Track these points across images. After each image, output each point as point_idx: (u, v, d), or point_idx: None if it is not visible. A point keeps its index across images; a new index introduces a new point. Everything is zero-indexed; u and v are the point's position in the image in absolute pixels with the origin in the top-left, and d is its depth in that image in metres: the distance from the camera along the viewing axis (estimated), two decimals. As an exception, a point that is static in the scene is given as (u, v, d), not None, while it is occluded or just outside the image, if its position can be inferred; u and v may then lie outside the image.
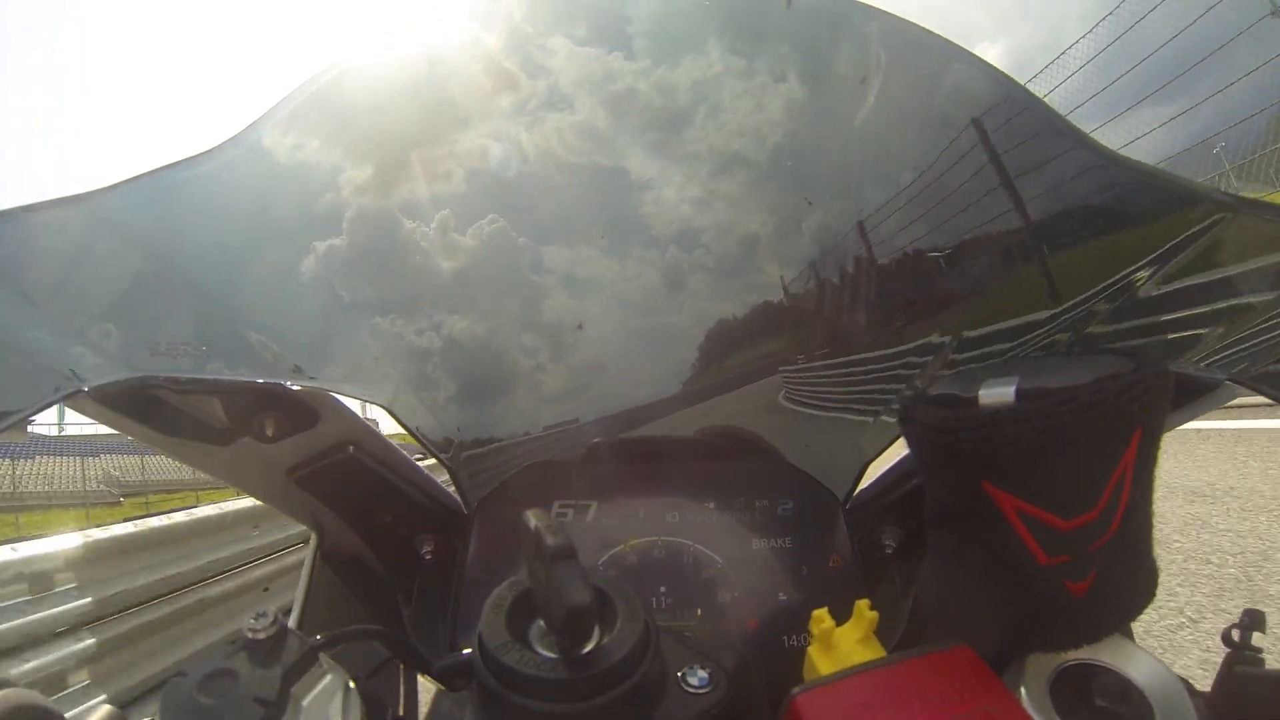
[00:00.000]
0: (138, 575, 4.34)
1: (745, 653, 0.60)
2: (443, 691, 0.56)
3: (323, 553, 0.90)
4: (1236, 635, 0.59)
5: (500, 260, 0.83)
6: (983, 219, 0.79)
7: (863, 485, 0.96)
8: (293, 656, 0.48)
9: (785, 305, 0.89)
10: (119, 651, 4.03)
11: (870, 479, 0.96)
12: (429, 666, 0.60)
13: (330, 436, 0.79)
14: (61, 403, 0.58)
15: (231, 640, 0.49)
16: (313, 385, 0.73)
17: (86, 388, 0.59)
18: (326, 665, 0.51)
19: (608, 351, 0.93)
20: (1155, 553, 0.53)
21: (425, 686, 0.61)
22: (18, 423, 0.55)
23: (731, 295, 0.89)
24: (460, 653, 0.61)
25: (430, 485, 0.92)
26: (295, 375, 0.72)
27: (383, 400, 0.81)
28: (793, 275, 0.88)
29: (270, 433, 0.72)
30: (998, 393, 0.47)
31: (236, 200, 0.69)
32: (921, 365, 0.85)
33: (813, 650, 0.59)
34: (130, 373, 0.61)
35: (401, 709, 0.54)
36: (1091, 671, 0.53)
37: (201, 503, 6.25)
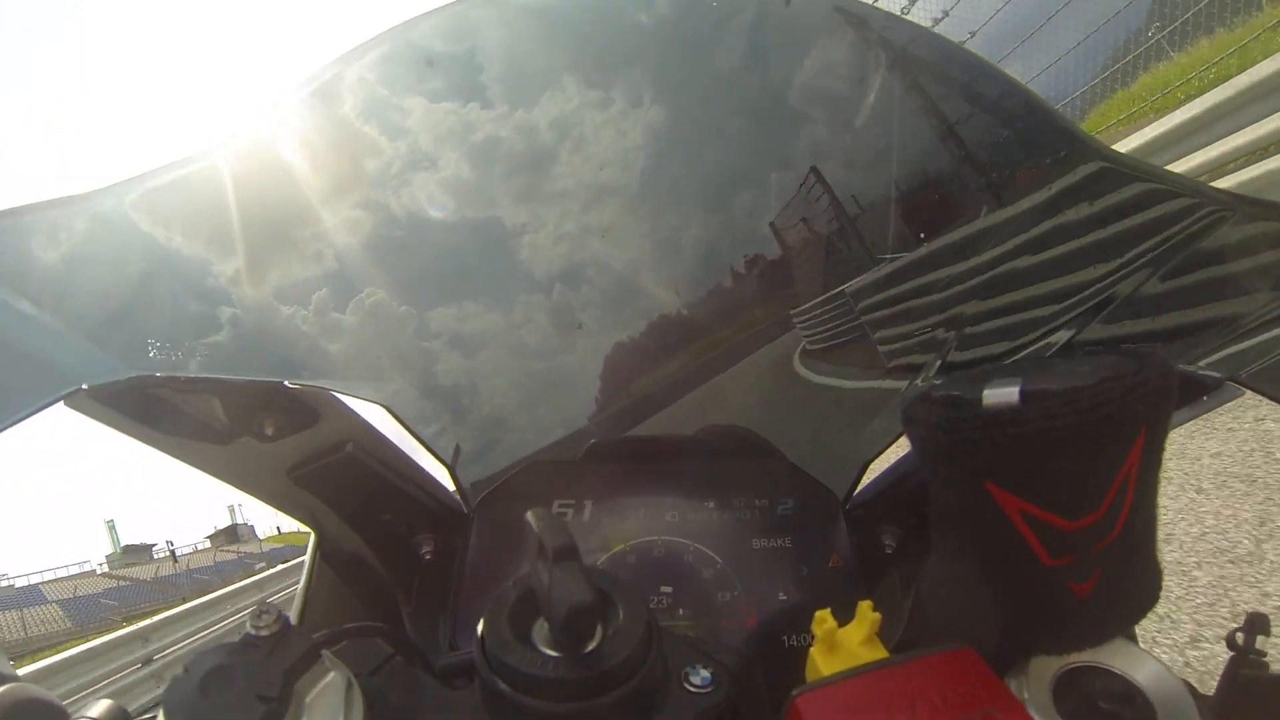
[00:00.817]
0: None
1: (748, 653, 0.60)
2: (445, 690, 0.56)
3: (323, 552, 0.90)
4: (1240, 639, 0.59)
5: (384, 332, 0.82)
6: (977, 218, 0.79)
7: (862, 485, 0.96)
8: (295, 653, 0.47)
9: (677, 321, 0.90)
10: None
11: (870, 479, 0.96)
12: (431, 665, 0.60)
13: (330, 436, 0.79)
14: (62, 402, 0.58)
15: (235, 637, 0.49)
16: (313, 385, 0.73)
17: (86, 387, 0.59)
18: (329, 662, 0.50)
19: (607, 353, 0.93)
20: (1160, 554, 0.53)
21: (427, 685, 0.61)
22: (18, 422, 0.55)
23: (623, 324, 0.91)
24: (463, 651, 0.61)
25: (430, 485, 0.92)
26: (295, 375, 0.72)
27: (382, 400, 0.81)
28: (679, 295, 0.90)
29: (270, 432, 0.72)
30: (1001, 393, 0.47)
31: (236, 199, 0.69)
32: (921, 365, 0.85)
33: (815, 651, 0.59)
34: (130, 372, 0.61)
35: (403, 706, 0.53)
36: (1095, 674, 0.52)
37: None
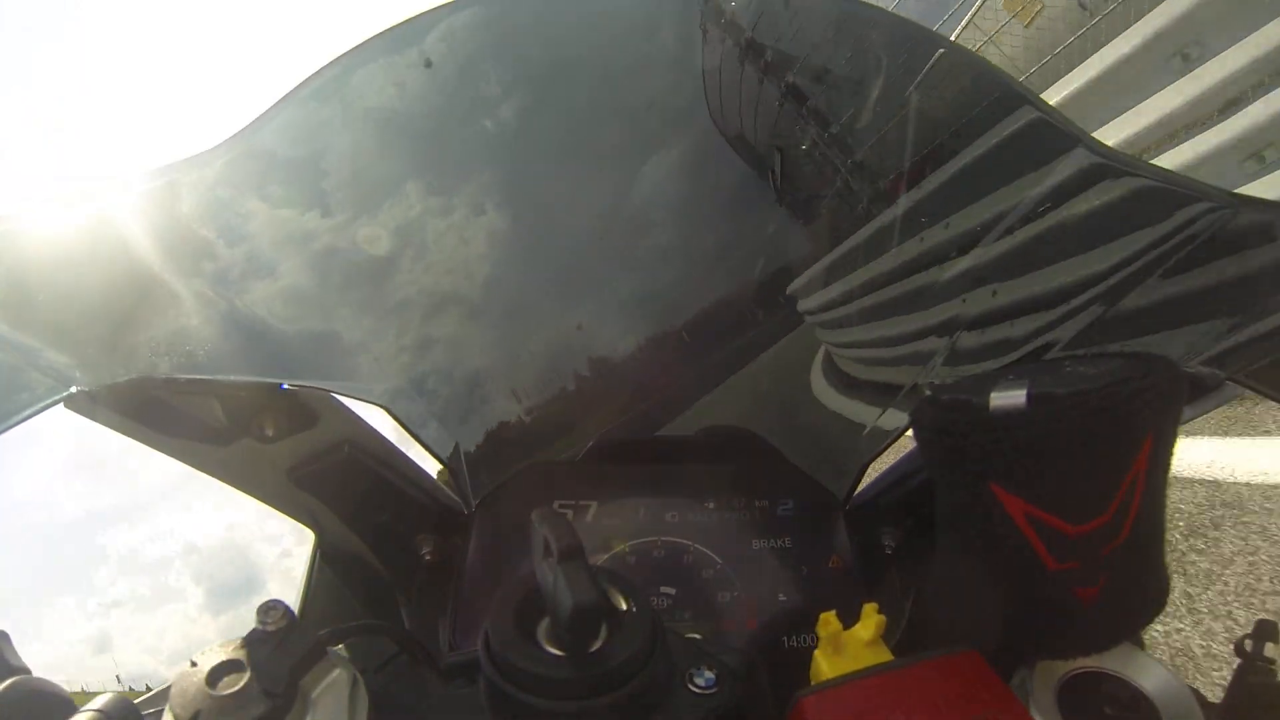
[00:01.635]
0: None
1: (754, 655, 0.60)
2: (449, 688, 0.56)
3: (323, 553, 0.90)
4: (1249, 646, 0.59)
5: (384, 333, 0.83)
6: (976, 219, 0.79)
7: (862, 485, 0.96)
8: (301, 650, 0.47)
9: (677, 323, 0.93)
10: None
11: (870, 479, 0.96)
12: (436, 663, 0.60)
13: (330, 436, 0.79)
14: (62, 403, 0.57)
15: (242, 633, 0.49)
16: (312, 385, 0.73)
17: (87, 388, 0.58)
18: (334, 659, 0.50)
19: (607, 353, 0.93)
20: (1166, 559, 0.53)
21: (432, 683, 0.61)
22: (19, 423, 0.55)
23: (623, 325, 0.93)
24: (467, 649, 0.61)
25: (430, 485, 0.91)
26: (295, 375, 0.72)
27: (382, 400, 0.80)
28: (677, 300, 0.91)
29: (270, 433, 0.72)
30: (1008, 396, 0.46)
31: (235, 200, 0.69)
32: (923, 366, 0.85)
33: (819, 653, 0.59)
34: (130, 374, 0.61)
35: (407, 704, 0.54)
36: (1100, 680, 0.52)
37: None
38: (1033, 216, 0.75)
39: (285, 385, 0.71)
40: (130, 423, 0.65)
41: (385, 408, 0.82)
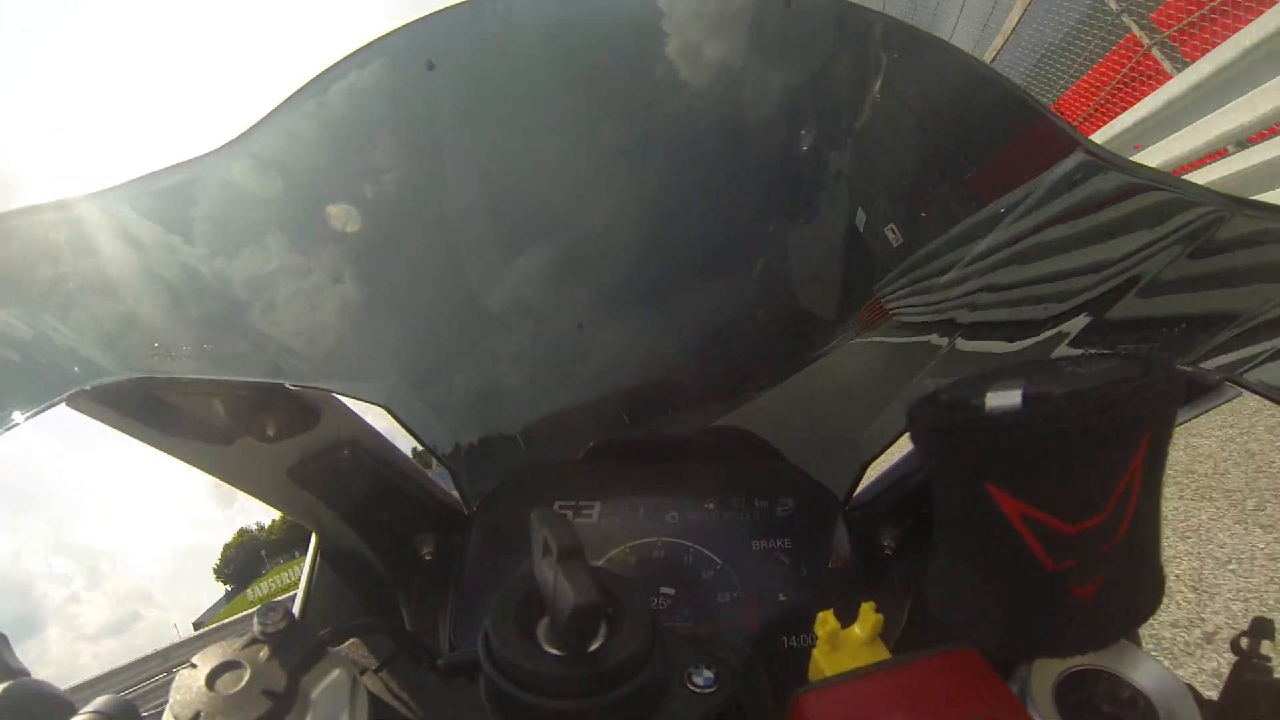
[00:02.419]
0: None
1: (752, 653, 0.60)
2: (449, 687, 0.57)
3: (323, 552, 0.90)
4: (1245, 643, 0.59)
5: (385, 333, 0.84)
6: (975, 219, 0.79)
7: (862, 486, 0.96)
8: (301, 650, 0.48)
9: (677, 323, 0.93)
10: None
11: (870, 479, 0.96)
12: (435, 662, 0.60)
13: (330, 436, 0.79)
14: (64, 403, 0.58)
15: (242, 633, 0.50)
16: (313, 385, 0.73)
17: (88, 387, 0.59)
18: (334, 659, 0.51)
19: (608, 353, 0.93)
20: (1162, 558, 0.53)
21: (431, 682, 0.61)
22: (22, 422, 0.55)
23: (623, 325, 0.93)
24: (467, 648, 0.61)
25: (430, 485, 0.92)
26: (296, 375, 0.72)
27: (382, 400, 0.81)
28: (679, 298, 0.91)
29: (271, 432, 0.72)
30: (1004, 396, 0.46)
31: (237, 201, 0.69)
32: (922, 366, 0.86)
33: (818, 651, 0.59)
34: (132, 373, 0.61)
35: (407, 703, 0.54)
36: (1097, 677, 0.53)
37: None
38: (1031, 219, 0.75)
39: (288, 385, 0.71)
40: (131, 422, 0.65)
41: (386, 408, 0.82)
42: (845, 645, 0.59)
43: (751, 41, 0.79)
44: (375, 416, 0.84)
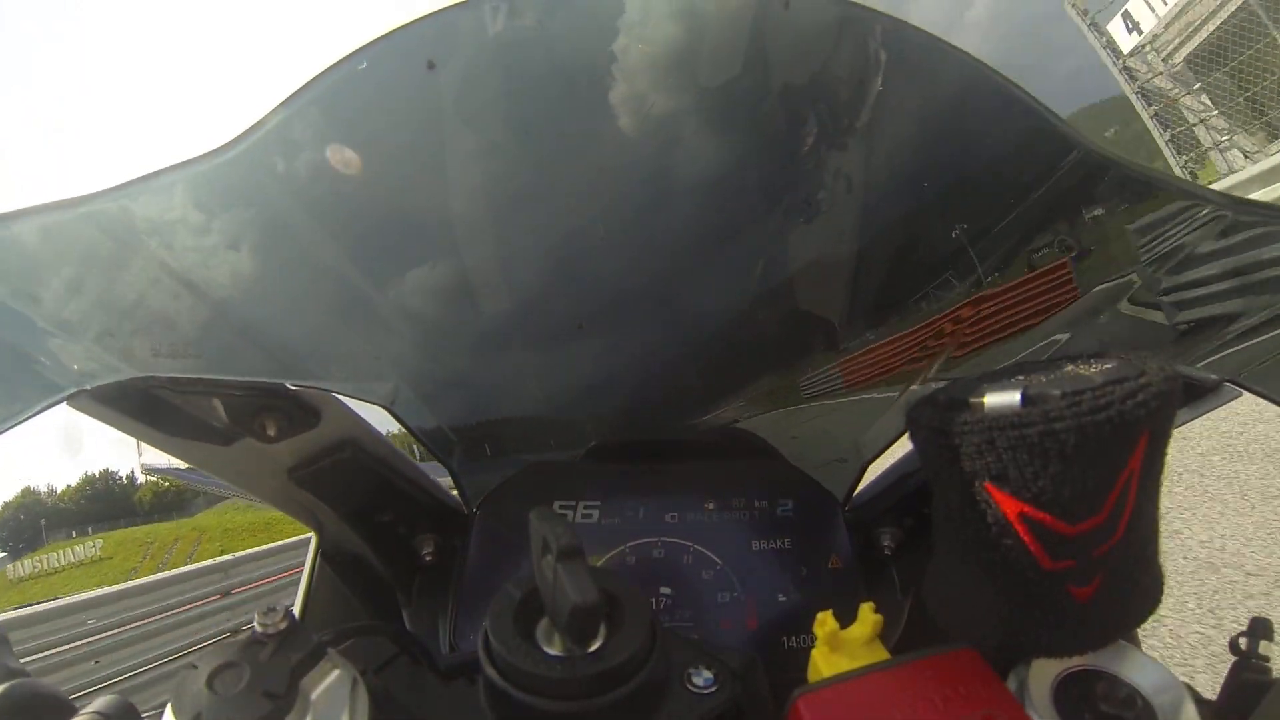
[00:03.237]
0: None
1: (752, 654, 0.60)
2: (449, 688, 0.57)
3: (323, 552, 0.90)
4: (1244, 644, 0.59)
5: (385, 333, 0.84)
6: (976, 220, 0.79)
7: (862, 486, 0.96)
8: (301, 651, 0.48)
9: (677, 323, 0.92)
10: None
11: (869, 480, 0.96)
12: (435, 663, 0.60)
13: (331, 436, 0.79)
14: (64, 403, 0.58)
15: (242, 634, 0.50)
16: (313, 385, 0.73)
17: (89, 387, 0.59)
18: (334, 660, 0.51)
19: (608, 353, 0.93)
20: (1161, 558, 0.53)
21: (431, 683, 0.61)
22: (21, 422, 0.55)
23: (623, 326, 0.93)
24: (467, 650, 0.61)
25: (431, 485, 0.92)
26: (296, 375, 0.72)
27: (383, 400, 0.81)
28: (679, 296, 0.90)
29: (271, 433, 0.71)
30: (1003, 396, 0.47)
31: (237, 201, 0.69)
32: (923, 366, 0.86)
33: (817, 652, 0.59)
34: (132, 373, 0.61)
35: (407, 704, 0.54)
36: (1096, 677, 0.53)
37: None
38: (1031, 219, 0.75)
39: (288, 386, 0.71)
40: (132, 422, 0.65)
41: (387, 408, 0.82)
42: (844, 646, 0.59)
43: (752, 42, 0.79)
44: (376, 417, 0.84)
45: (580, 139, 0.80)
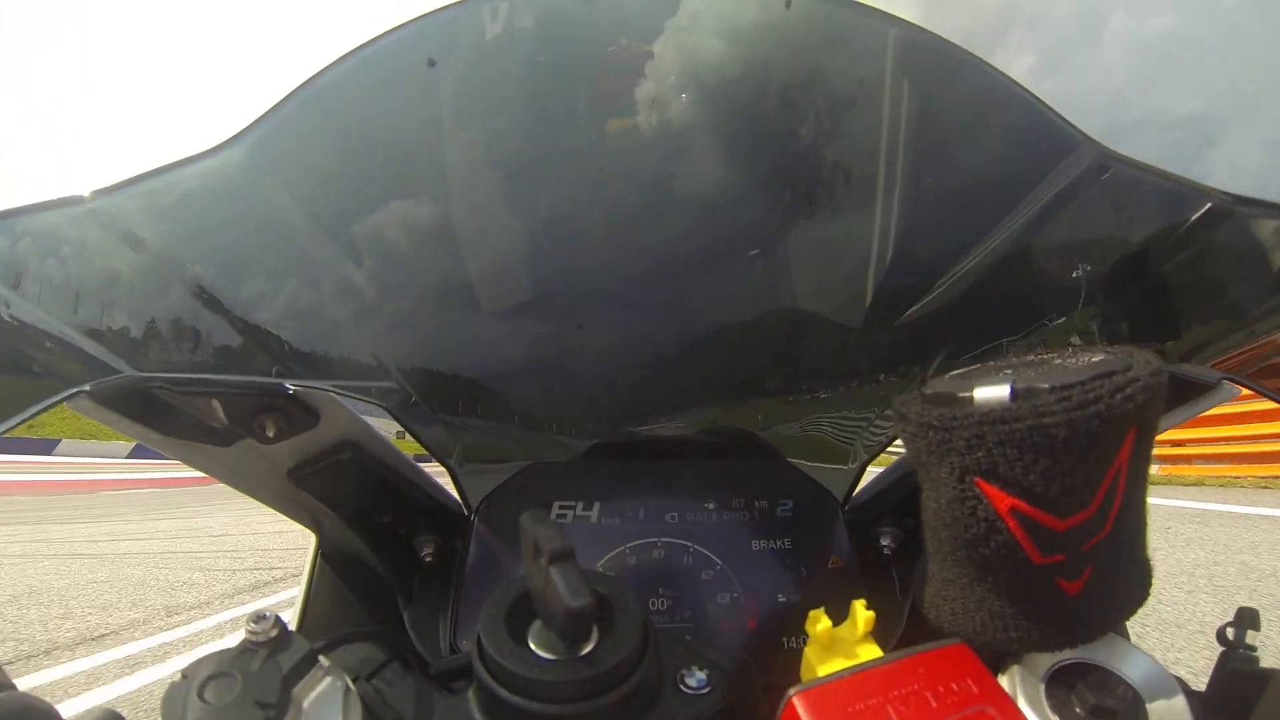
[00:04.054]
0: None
1: (744, 654, 0.60)
2: (442, 693, 0.57)
3: (323, 553, 0.90)
4: (1231, 634, 0.59)
5: (385, 334, 0.83)
6: (977, 218, 0.79)
7: (862, 486, 0.96)
8: (293, 659, 0.47)
9: (677, 322, 0.92)
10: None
11: (869, 480, 0.96)
12: (427, 668, 0.60)
13: (331, 437, 0.79)
14: (63, 403, 0.58)
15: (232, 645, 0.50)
16: (313, 386, 0.73)
17: (88, 388, 0.59)
18: (326, 668, 0.50)
19: (608, 353, 0.93)
20: (1149, 551, 0.53)
21: (424, 689, 0.61)
22: (20, 423, 0.56)
23: (624, 325, 0.92)
24: (459, 654, 0.61)
25: (431, 486, 0.92)
26: (296, 376, 0.72)
27: (383, 401, 0.81)
28: (680, 295, 0.90)
29: (271, 433, 0.72)
30: (992, 390, 0.47)
31: (237, 200, 0.69)
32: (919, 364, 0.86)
33: (809, 650, 0.59)
34: (131, 373, 0.62)
35: (401, 710, 0.54)
36: (1087, 670, 0.53)
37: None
38: (1032, 216, 0.75)
39: (288, 386, 0.71)
40: (131, 422, 0.66)
41: (387, 408, 0.82)
42: (837, 644, 0.59)
43: (752, 42, 0.79)
44: (376, 418, 0.84)
45: (580, 138, 0.81)
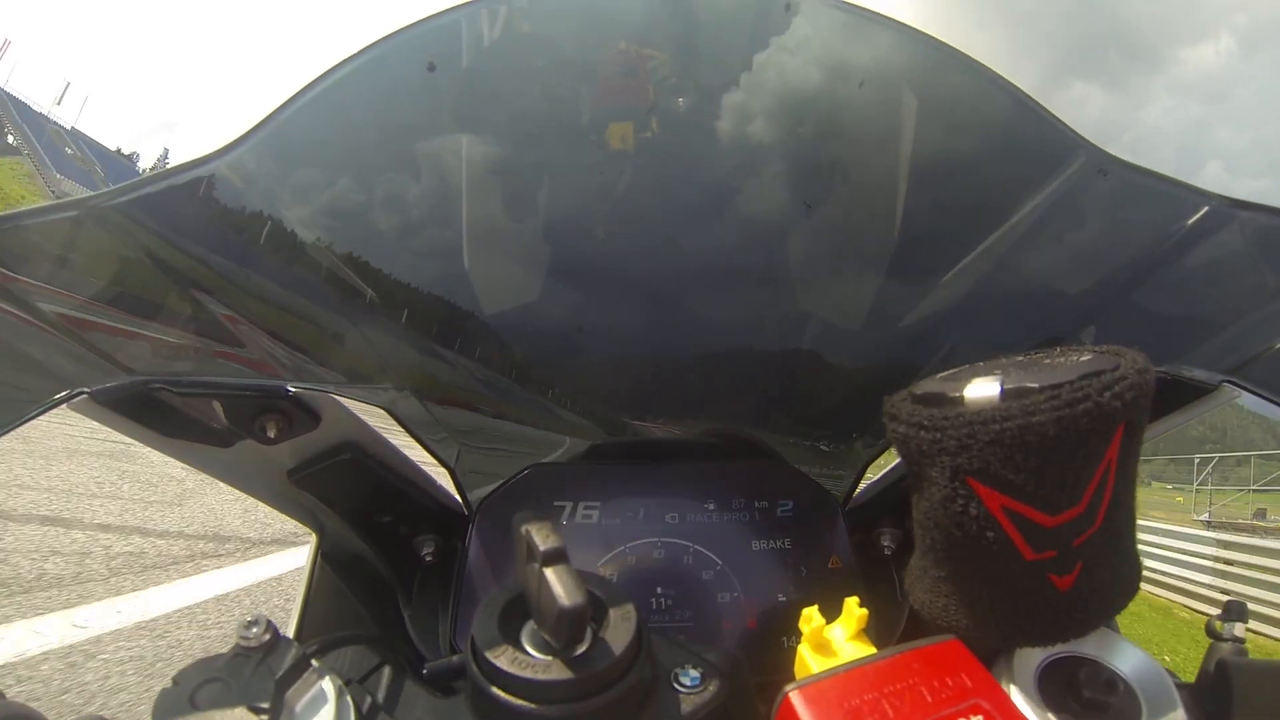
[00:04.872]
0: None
1: (737, 652, 0.60)
2: (435, 695, 0.57)
3: (323, 553, 0.90)
4: (1219, 626, 0.60)
5: (386, 336, 0.84)
6: (978, 221, 0.79)
7: (861, 486, 0.96)
8: (285, 663, 0.48)
9: (677, 324, 0.93)
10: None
11: (869, 480, 0.96)
12: (420, 670, 0.60)
13: (331, 438, 0.79)
14: (64, 405, 0.59)
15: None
16: (314, 387, 0.73)
17: (89, 390, 0.60)
18: (319, 671, 0.51)
19: (608, 355, 0.94)
20: (1138, 547, 0.53)
21: (417, 691, 0.61)
22: (20, 425, 0.56)
23: (624, 327, 0.94)
24: (453, 655, 0.62)
25: (431, 487, 0.92)
26: (297, 377, 0.73)
27: (384, 402, 0.81)
28: (680, 298, 0.91)
29: (272, 434, 0.72)
30: (982, 390, 0.47)
31: (239, 203, 0.70)
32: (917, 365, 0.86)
33: (803, 648, 0.60)
34: (132, 375, 0.62)
35: (394, 712, 0.54)
36: (1079, 663, 0.53)
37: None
38: (1033, 219, 0.75)
39: (289, 388, 0.71)
40: (132, 424, 0.66)
41: (387, 409, 0.83)
42: (830, 641, 0.59)
43: (752, 44, 0.80)
44: (376, 418, 0.85)
45: (580, 142, 0.81)
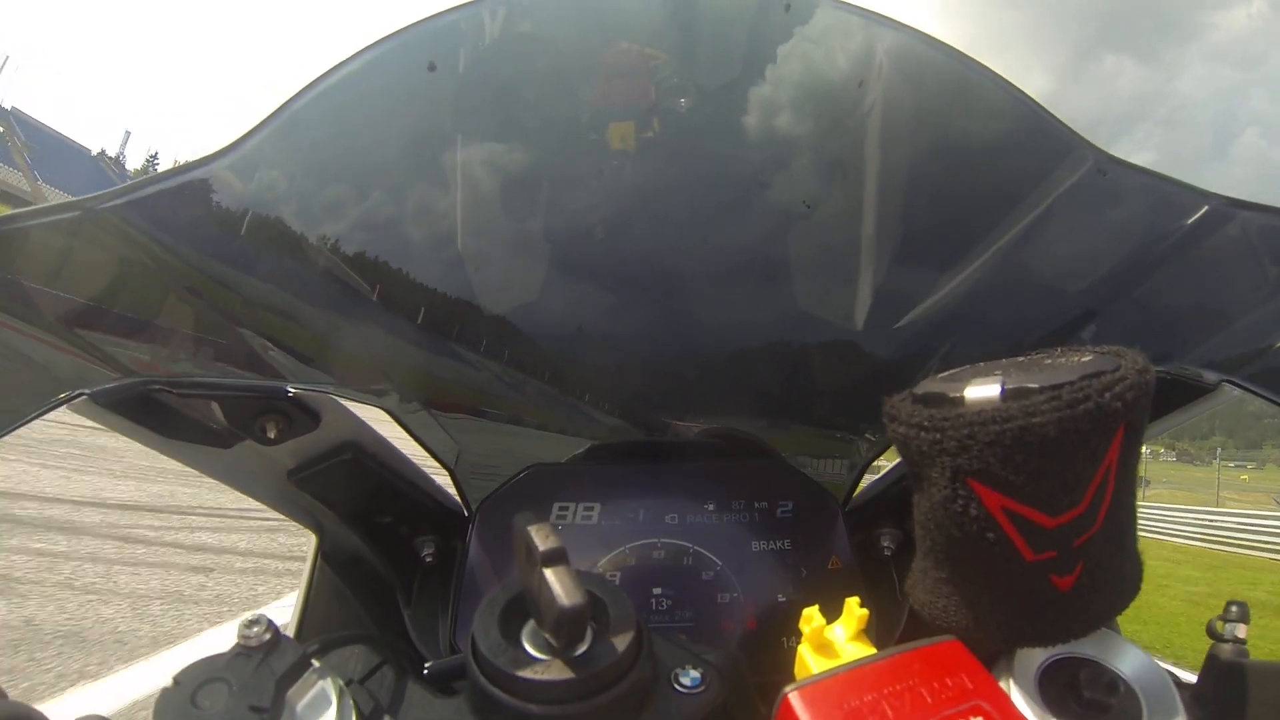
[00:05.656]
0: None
1: (737, 653, 0.60)
2: (436, 695, 0.57)
3: (324, 554, 0.90)
4: (1220, 627, 0.60)
5: (386, 336, 0.84)
6: (977, 221, 0.79)
7: (862, 486, 0.96)
8: (286, 663, 0.47)
9: (677, 323, 0.93)
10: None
11: (869, 480, 0.96)
12: (422, 670, 0.60)
13: (331, 439, 0.79)
14: (64, 407, 0.59)
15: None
16: (314, 388, 0.73)
17: (89, 391, 0.59)
18: (319, 671, 0.50)
19: (607, 356, 0.94)
20: (1139, 547, 0.53)
21: (418, 691, 0.61)
22: (20, 426, 0.56)
23: (623, 327, 0.94)
24: (453, 655, 0.62)
25: (431, 487, 0.92)
26: (297, 378, 0.73)
27: (384, 403, 0.81)
28: (680, 297, 0.91)
29: (272, 435, 0.72)
30: (983, 391, 0.47)
31: (237, 204, 0.69)
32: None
33: (803, 648, 0.59)
34: (132, 377, 0.62)
35: (395, 712, 0.54)
36: (1080, 664, 0.53)
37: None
38: (1033, 220, 0.75)
39: (289, 388, 0.71)
40: (132, 425, 0.66)
41: (387, 410, 0.83)
42: (831, 641, 0.59)
43: (753, 44, 0.80)
44: (376, 419, 0.85)
45: (580, 142, 0.81)
